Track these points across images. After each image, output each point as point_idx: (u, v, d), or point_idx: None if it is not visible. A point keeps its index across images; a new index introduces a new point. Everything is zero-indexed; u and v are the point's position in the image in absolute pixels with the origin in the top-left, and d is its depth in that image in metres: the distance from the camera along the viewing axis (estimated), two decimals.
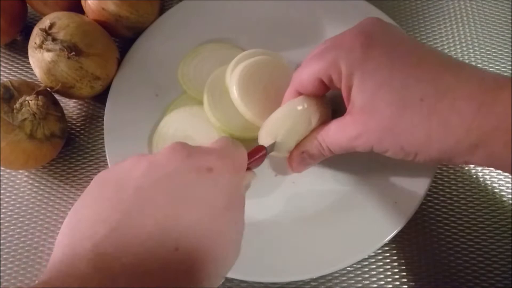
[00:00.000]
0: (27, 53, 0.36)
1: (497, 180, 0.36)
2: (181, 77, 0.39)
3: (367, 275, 0.34)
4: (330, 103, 0.33)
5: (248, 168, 0.28)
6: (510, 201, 0.35)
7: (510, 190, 0.36)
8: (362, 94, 0.27)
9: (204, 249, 0.22)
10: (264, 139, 0.31)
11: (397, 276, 0.34)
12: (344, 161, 0.35)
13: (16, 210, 0.37)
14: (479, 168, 0.37)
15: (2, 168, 0.38)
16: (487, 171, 0.37)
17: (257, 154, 0.30)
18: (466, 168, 0.37)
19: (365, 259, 0.34)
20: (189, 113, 0.37)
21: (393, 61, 0.26)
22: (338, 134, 0.29)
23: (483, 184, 0.36)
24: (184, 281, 0.21)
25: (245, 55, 0.36)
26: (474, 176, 0.37)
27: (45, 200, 0.37)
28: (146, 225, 0.21)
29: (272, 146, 0.31)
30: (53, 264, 0.21)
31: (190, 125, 0.36)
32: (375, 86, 0.26)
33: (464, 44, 0.41)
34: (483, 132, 0.24)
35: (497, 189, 0.36)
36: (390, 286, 0.33)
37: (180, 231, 0.21)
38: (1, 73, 0.43)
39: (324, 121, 0.31)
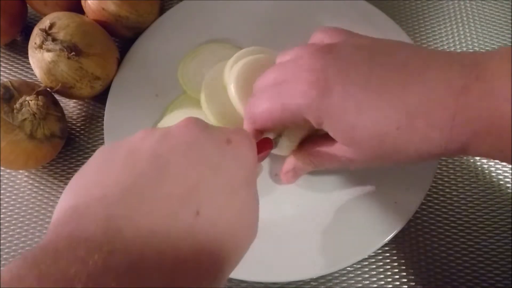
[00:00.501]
0: (27, 53, 0.36)
1: (497, 180, 0.36)
2: (181, 77, 0.39)
3: (367, 275, 0.34)
4: None
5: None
6: (510, 201, 0.35)
7: (510, 190, 0.36)
8: (340, 135, 0.27)
9: (225, 222, 0.20)
10: (269, 134, 0.31)
11: (397, 276, 0.34)
12: None
13: (16, 210, 0.37)
14: (480, 168, 0.37)
15: (2, 168, 0.38)
16: (487, 171, 0.37)
17: (264, 145, 0.29)
18: (466, 168, 0.37)
19: (365, 259, 0.34)
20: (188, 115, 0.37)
21: (356, 98, 0.25)
22: (330, 159, 0.30)
23: (483, 184, 0.36)
24: (203, 256, 0.19)
25: (245, 52, 0.36)
26: (474, 176, 0.37)
27: (45, 200, 0.37)
28: (164, 186, 0.19)
29: (276, 142, 0.31)
30: (55, 227, 0.19)
31: None
32: (349, 127, 0.26)
33: (464, 44, 0.41)
34: (463, 141, 0.24)
35: (497, 188, 0.36)
36: (390, 286, 0.33)
37: (202, 197, 0.20)
38: (1, 73, 0.43)
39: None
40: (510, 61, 0.23)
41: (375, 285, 0.33)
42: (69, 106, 0.41)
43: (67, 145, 0.39)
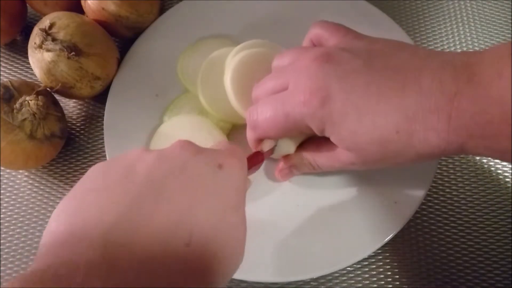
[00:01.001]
0: (27, 53, 0.36)
1: (498, 180, 0.36)
2: (180, 72, 0.39)
3: (367, 275, 0.34)
4: None
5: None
6: (511, 201, 0.35)
7: (510, 190, 0.36)
8: (341, 141, 0.27)
9: (214, 246, 0.21)
10: (266, 143, 0.31)
11: (397, 276, 0.34)
12: None
13: (16, 210, 0.37)
14: (480, 168, 0.37)
15: (2, 168, 0.38)
16: (487, 171, 0.37)
17: (255, 159, 0.29)
18: (467, 168, 0.37)
19: (365, 259, 0.34)
20: (189, 122, 0.36)
21: (356, 104, 0.26)
22: (330, 161, 0.30)
23: (483, 184, 0.36)
24: (193, 279, 0.20)
25: (247, 44, 0.36)
26: (475, 176, 0.37)
27: (45, 200, 0.37)
28: (159, 213, 0.20)
29: (273, 149, 0.31)
30: (50, 250, 0.19)
31: (189, 135, 0.36)
32: (350, 133, 0.26)
33: (464, 44, 0.41)
34: (461, 143, 0.24)
35: (497, 188, 0.36)
36: (390, 286, 0.33)
37: (193, 223, 0.20)
38: (1, 73, 0.43)
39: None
40: (500, 61, 0.23)
41: (375, 285, 0.33)
42: (69, 106, 0.41)
43: (67, 145, 0.39)
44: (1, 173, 0.39)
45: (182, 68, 0.39)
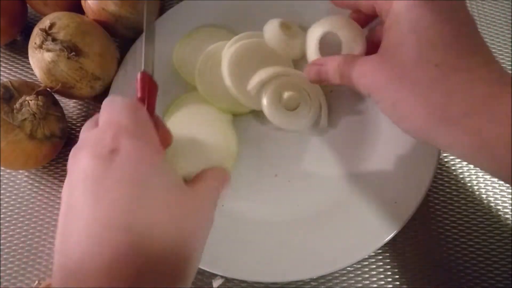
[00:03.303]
0: (27, 53, 0.36)
1: (498, 180, 0.36)
2: (176, 61, 0.39)
3: (367, 275, 0.34)
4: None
5: (149, 107, 0.27)
6: (510, 201, 0.35)
7: (510, 190, 0.36)
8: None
9: (164, 228, 0.22)
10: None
11: (397, 276, 0.34)
12: (344, 160, 0.35)
13: (16, 210, 0.37)
14: (480, 169, 0.37)
15: (2, 168, 0.38)
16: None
17: (148, 86, 0.29)
18: (467, 168, 0.37)
19: (365, 259, 0.34)
20: (189, 113, 0.37)
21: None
22: (363, 83, 0.27)
23: (483, 184, 0.36)
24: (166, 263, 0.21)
25: (243, 36, 0.37)
26: (475, 176, 0.36)
27: (45, 200, 0.37)
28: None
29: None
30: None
31: (193, 125, 0.36)
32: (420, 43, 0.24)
33: None
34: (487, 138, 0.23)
35: (497, 188, 0.36)
36: (390, 286, 0.33)
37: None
38: (1, 73, 0.43)
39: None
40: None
41: (375, 285, 0.33)
42: (69, 106, 0.41)
43: (67, 145, 0.39)
44: (1, 173, 0.39)
45: (178, 58, 0.39)
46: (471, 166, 0.37)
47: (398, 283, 0.33)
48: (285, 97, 0.35)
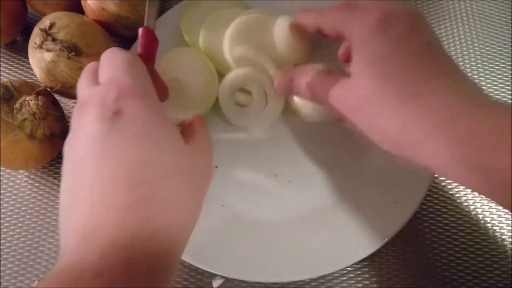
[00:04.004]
0: (27, 53, 0.36)
1: None
2: (183, 28, 0.39)
3: (367, 275, 0.34)
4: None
5: (149, 61, 0.28)
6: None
7: None
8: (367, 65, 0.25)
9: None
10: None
11: (397, 276, 0.34)
12: (345, 160, 0.35)
13: (16, 210, 0.37)
14: None
15: (2, 168, 0.38)
16: None
17: (146, 41, 0.29)
18: None
19: (365, 259, 0.34)
20: (177, 54, 0.37)
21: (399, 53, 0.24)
22: (340, 92, 0.27)
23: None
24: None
25: (251, 11, 0.37)
26: None
27: (45, 200, 0.37)
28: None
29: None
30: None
31: (179, 68, 0.37)
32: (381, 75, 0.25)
33: (464, 44, 0.41)
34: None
35: None
36: (390, 286, 0.33)
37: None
38: (1, 73, 0.43)
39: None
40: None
41: (375, 285, 0.33)
42: (69, 106, 0.41)
43: None
44: (1, 173, 0.39)
45: (185, 24, 0.39)
46: None
47: (398, 283, 0.33)
48: (239, 93, 0.36)
